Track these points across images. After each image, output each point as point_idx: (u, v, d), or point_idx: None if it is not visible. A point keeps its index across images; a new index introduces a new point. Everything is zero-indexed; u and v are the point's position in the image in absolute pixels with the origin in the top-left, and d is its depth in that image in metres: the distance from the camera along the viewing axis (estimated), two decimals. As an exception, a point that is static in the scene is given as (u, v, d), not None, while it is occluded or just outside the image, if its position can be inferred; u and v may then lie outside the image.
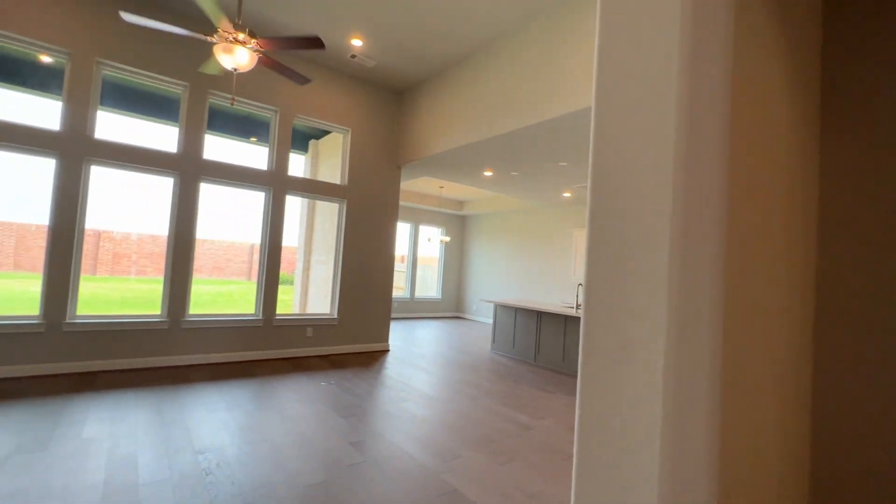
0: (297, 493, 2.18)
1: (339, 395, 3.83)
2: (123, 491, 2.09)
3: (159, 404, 3.29)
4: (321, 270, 7.74)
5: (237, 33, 2.66)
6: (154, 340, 4.28)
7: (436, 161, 5.66)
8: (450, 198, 10.05)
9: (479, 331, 8.64)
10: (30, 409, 3.03)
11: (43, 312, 3.81)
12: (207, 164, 4.57)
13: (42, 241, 12.29)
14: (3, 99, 4.60)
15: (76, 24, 3.87)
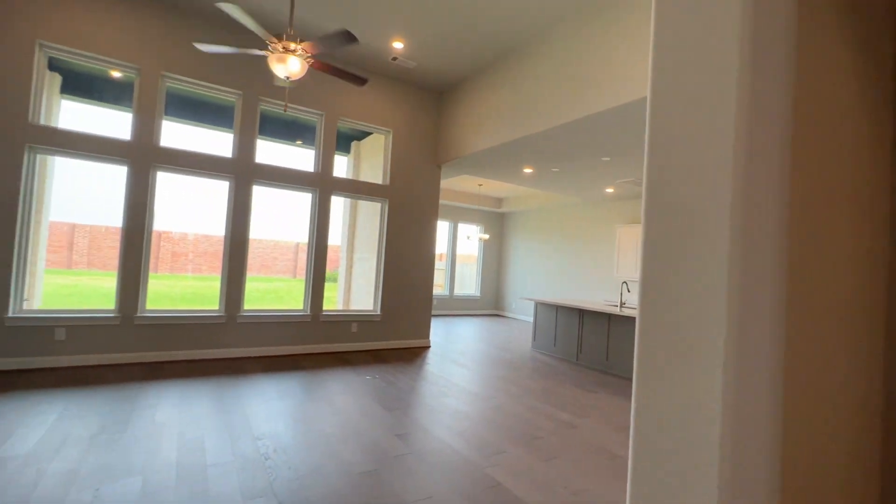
0: (349, 480, 2.29)
1: (384, 389, 3.95)
2: (194, 471, 2.27)
3: (220, 393, 3.54)
4: (363, 268, 7.96)
5: (288, 43, 2.80)
6: (212, 334, 4.59)
7: (475, 159, 5.68)
8: (488, 195, 10.04)
9: (519, 329, 8.60)
10: (109, 393, 3.34)
11: (118, 307, 4.17)
12: (259, 167, 4.82)
13: (110, 241, 13.25)
14: (81, 112, 5.06)
15: (145, 42, 4.19)
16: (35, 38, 3.77)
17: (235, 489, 2.13)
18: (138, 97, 4.21)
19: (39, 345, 3.83)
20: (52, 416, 2.84)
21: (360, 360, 4.99)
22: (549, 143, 4.66)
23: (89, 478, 2.13)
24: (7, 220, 3.71)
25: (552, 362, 5.62)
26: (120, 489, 2.05)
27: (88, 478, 2.13)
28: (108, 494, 2.00)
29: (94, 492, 2.02)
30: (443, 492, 2.23)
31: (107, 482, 2.10)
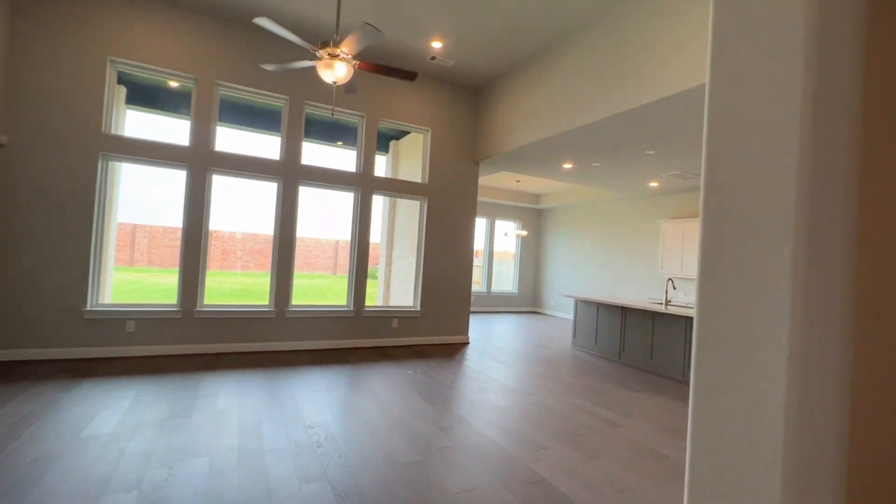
0: (396, 469, 2.38)
1: (425, 383, 4.04)
2: (254, 455, 2.44)
3: (272, 383, 3.74)
4: (402, 265, 8.12)
5: (333, 49, 2.92)
6: (263, 328, 4.84)
7: (514, 156, 5.66)
8: (526, 191, 9.95)
9: (558, 326, 8.49)
10: (175, 381, 3.61)
11: (179, 302, 4.49)
12: (305, 168, 5.03)
13: (167, 240, 14.07)
14: (144, 120, 5.46)
15: (202, 53, 4.47)
16: (107, 54, 4.11)
17: (292, 473, 2.26)
18: (196, 105, 4.50)
19: (113, 336, 4.19)
20: (128, 401, 3.11)
21: (402, 355, 5.11)
22: (591, 137, 4.58)
23: (163, 457, 2.33)
24: (85, 222, 4.08)
25: (593, 360, 5.53)
26: (189, 469, 2.24)
27: (162, 457, 2.33)
28: (179, 473, 2.19)
29: (168, 470, 2.21)
30: (486, 484, 2.28)
31: (178, 462, 2.30)
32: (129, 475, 2.13)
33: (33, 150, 3.89)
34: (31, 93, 3.87)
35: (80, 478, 2.08)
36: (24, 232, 3.88)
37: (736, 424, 0.68)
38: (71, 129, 4.01)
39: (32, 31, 3.86)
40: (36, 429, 2.58)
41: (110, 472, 2.15)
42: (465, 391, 3.90)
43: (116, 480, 2.08)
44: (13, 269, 3.85)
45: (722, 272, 0.71)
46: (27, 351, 3.90)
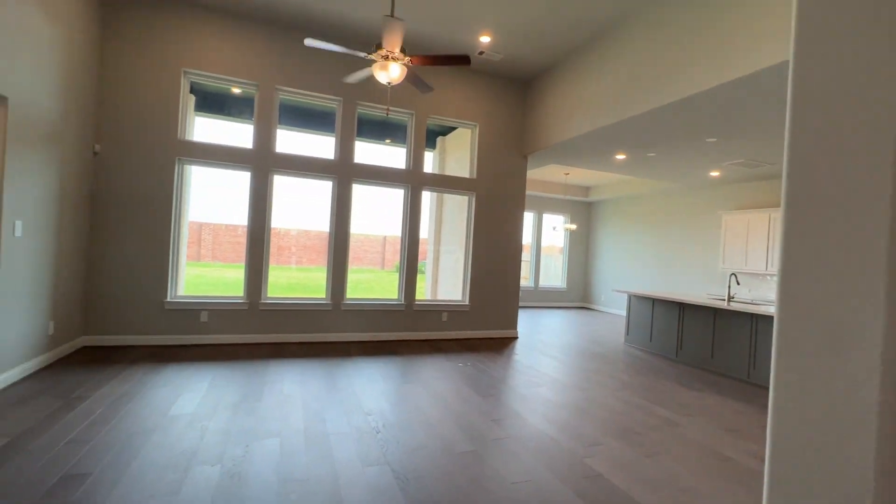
0: (452, 457, 2.46)
1: (476, 376, 4.10)
2: (319, 437, 2.60)
3: (331, 372, 3.94)
4: (449, 260, 8.21)
5: (386, 52, 3.01)
6: (321, 319, 5.09)
7: (563, 148, 5.56)
8: (575, 184, 9.72)
9: (609, 322, 8.26)
10: (244, 368, 3.90)
11: (246, 294, 4.82)
12: (358, 167, 5.21)
13: (230, 237, 15.00)
14: (210, 126, 5.87)
15: (263, 60, 4.74)
16: (181, 66, 4.46)
17: (354, 456, 2.40)
18: (258, 109, 4.78)
19: (189, 325, 4.58)
20: (205, 385, 3.40)
21: (451, 348, 5.20)
22: (648, 126, 4.41)
23: (239, 436, 2.55)
24: (164, 221, 4.47)
25: (648, 358, 5.35)
26: (263, 447, 2.43)
27: (238, 436, 2.55)
28: (255, 450, 2.38)
29: (245, 448, 2.41)
30: (542, 476, 2.29)
31: (253, 441, 2.50)
32: (212, 451, 2.35)
33: (122, 157, 4.32)
34: (118, 105, 4.29)
35: (171, 451, 2.32)
36: (116, 231, 4.32)
37: (823, 425, 0.66)
38: (152, 137, 4.40)
39: (118, 48, 4.27)
40: (131, 407, 2.89)
41: (196, 447, 2.38)
42: (516, 385, 3.92)
43: (201, 455, 2.30)
44: (108, 265, 4.30)
45: (807, 265, 0.70)
46: (120, 337, 4.35)
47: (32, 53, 3.17)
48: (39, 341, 3.50)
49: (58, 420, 2.62)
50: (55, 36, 3.44)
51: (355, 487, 2.08)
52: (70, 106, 3.73)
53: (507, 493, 2.11)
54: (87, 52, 3.96)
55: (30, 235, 3.29)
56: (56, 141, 3.55)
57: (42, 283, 3.49)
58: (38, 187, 3.35)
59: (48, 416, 2.66)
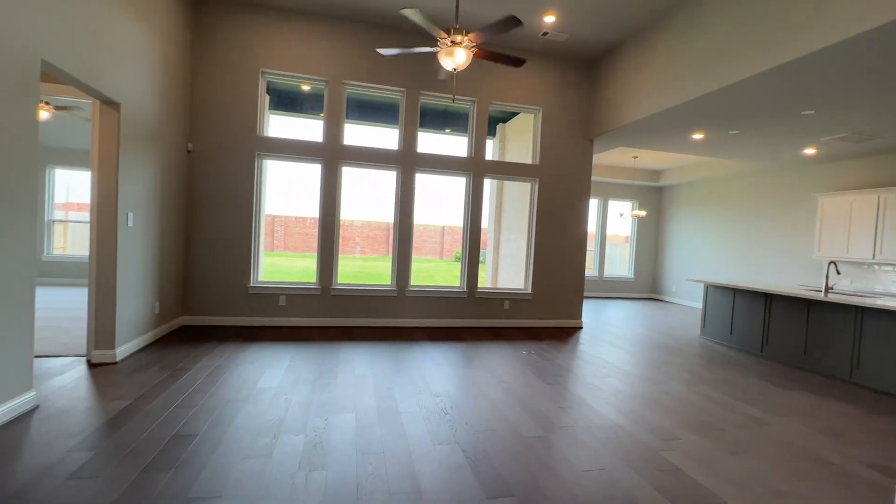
0: (520, 441, 2.46)
1: (541, 364, 4.05)
2: (391, 415, 2.72)
3: (398, 355, 4.09)
4: (510, 248, 8.13)
5: (455, 36, 3.01)
6: (387, 305, 5.28)
7: (633, 129, 5.26)
8: (644, 168, 9.18)
9: (682, 314, 7.77)
10: (319, 348, 4.15)
11: (318, 281, 5.12)
12: (421, 156, 5.30)
13: (299, 228, 16.06)
14: (284, 123, 6.24)
15: (330, 57, 4.95)
16: (258, 67, 4.78)
17: (425, 434, 2.48)
18: (327, 103, 5.01)
19: (269, 308, 4.96)
20: (286, 363, 3.67)
21: (514, 336, 5.17)
22: (732, 100, 4.04)
23: (319, 409, 2.73)
24: (247, 213, 4.85)
25: (728, 352, 4.97)
26: (341, 421, 2.58)
27: (318, 409, 2.73)
28: (333, 423, 2.54)
29: (325, 420, 2.58)
30: (615, 466, 2.23)
31: (331, 414, 2.66)
32: (296, 421, 2.54)
33: (210, 154, 4.73)
34: (206, 105, 4.69)
35: (262, 419, 2.54)
36: (207, 222, 4.76)
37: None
38: (235, 134, 4.77)
39: (205, 53, 4.66)
40: (225, 378, 3.20)
41: (282, 417, 2.59)
42: (582, 374, 3.82)
43: (287, 425, 2.50)
44: (200, 253, 4.76)
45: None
46: (212, 318, 4.81)
47: (137, 62, 3.55)
48: (148, 319, 3.97)
49: (166, 388, 2.96)
50: (154, 45, 3.82)
51: (427, 464, 2.16)
52: (168, 108, 4.13)
53: (578, 480, 2.08)
54: (180, 57, 4.36)
55: (139, 226, 3.71)
56: (157, 140, 3.96)
57: (150, 269, 3.94)
58: (144, 183, 3.76)
59: (158, 384, 3.01)
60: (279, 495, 1.81)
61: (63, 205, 8.12)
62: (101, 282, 3.35)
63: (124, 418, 2.46)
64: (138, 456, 2.07)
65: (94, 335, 3.37)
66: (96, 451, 2.09)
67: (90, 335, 3.37)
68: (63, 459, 2.00)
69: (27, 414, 2.45)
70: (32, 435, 2.23)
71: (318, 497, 1.81)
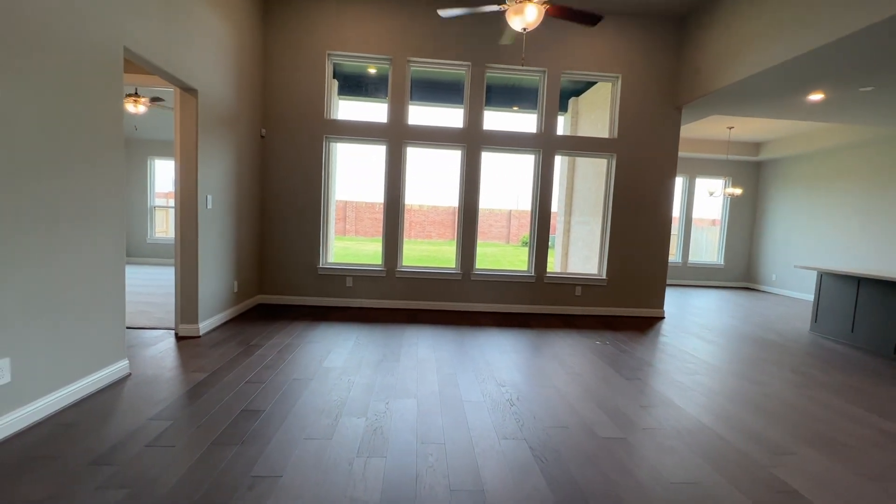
0: (596, 442, 2.21)
1: (617, 356, 3.70)
2: (454, 403, 2.59)
3: (462, 340, 3.95)
4: (582, 231, 7.62)
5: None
6: (451, 289, 5.16)
7: (731, 93, 4.56)
8: (739, 140, 8.10)
9: (785, 306, 6.81)
10: (384, 330, 4.15)
11: (384, 263, 5.12)
12: (487, 133, 5.05)
13: (368, 213, 16.66)
14: (351, 108, 6.27)
15: (394, 34, 4.83)
16: (325, 49, 4.79)
17: (489, 426, 2.31)
18: (392, 82, 4.91)
19: (337, 289, 5.06)
20: (350, 343, 3.69)
21: (586, 325, 4.82)
22: (878, 43, 3.30)
23: (381, 393, 2.67)
24: (316, 195, 4.95)
25: (848, 352, 4.22)
26: (402, 406, 2.50)
27: (380, 393, 2.67)
28: (394, 408, 2.46)
29: (386, 404, 2.51)
30: (712, 481, 1.90)
31: (393, 399, 2.59)
32: (358, 403, 2.50)
33: (282, 138, 4.86)
34: (277, 90, 4.81)
35: (325, 399, 2.53)
36: (280, 204, 4.93)
37: None
38: (305, 118, 4.86)
39: (275, 38, 4.76)
40: (294, 356, 3.27)
41: (344, 398, 2.57)
42: (666, 369, 3.42)
43: (349, 406, 2.46)
44: (274, 234, 4.95)
45: None
46: (285, 297, 5.03)
47: (211, 49, 3.67)
48: (227, 298, 4.20)
49: (240, 363, 3.08)
50: (229, 33, 3.94)
51: (491, 459, 1.99)
52: (241, 93, 4.28)
53: (667, 494, 1.79)
54: (252, 45, 4.48)
55: (218, 208, 3.90)
56: (232, 126, 4.12)
57: (228, 249, 4.15)
58: (221, 167, 3.94)
59: (233, 359, 3.15)
60: (337, 481, 1.75)
61: (165, 194, 9.00)
62: (185, 262, 3.56)
63: (202, 390, 2.58)
64: (210, 428, 2.13)
65: (181, 311, 3.61)
66: (173, 420, 2.19)
67: (177, 311, 3.62)
68: (144, 427, 2.11)
69: (121, 380, 2.66)
70: (122, 401, 2.39)
71: (377, 487, 1.73)
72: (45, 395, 2.16)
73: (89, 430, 2.06)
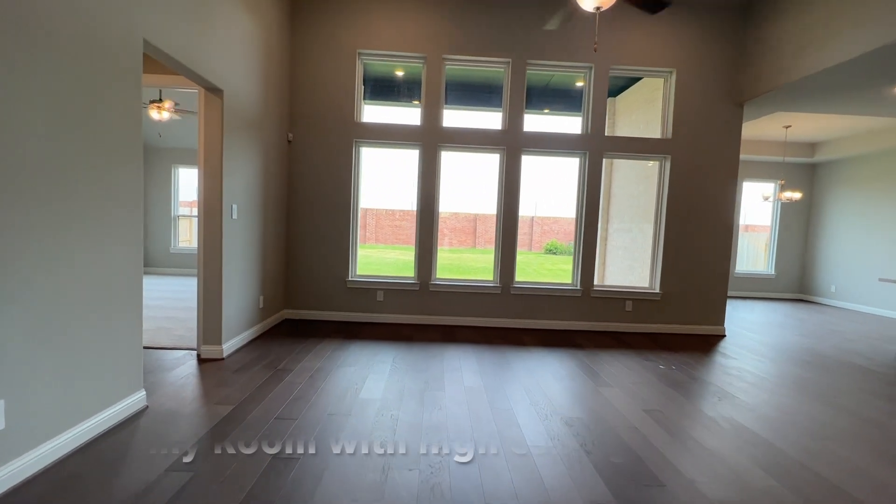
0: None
1: (689, 384, 3.23)
2: (517, 449, 2.17)
3: (509, 363, 3.54)
4: (622, 239, 7.13)
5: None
6: (490, 303, 4.76)
7: (803, 87, 4.08)
8: (793, 140, 7.51)
9: (856, 321, 6.17)
10: (421, 351, 3.76)
11: (416, 275, 4.76)
12: (528, 135, 4.66)
13: (389, 220, 16.34)
14: (378, 113, 5.95)
15: (428, 31, 4.50)
16: (356, 48, 4.49)
17: (568, 483, 1.90)
18: (426, 82, 4.58)
19: (367, 303, 4.71)
20: (387, 367, 3.32)
21: (640, 344, 4.34)
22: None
23: (431, 434, 2.28)
24: (346, 203, 4.64)
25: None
26: (459, 452, 2.10)
27: (431, 434, 2.28)
28: (451, 459, 2.07)
29: (439, 451, 2.11)
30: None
31: (446, 442, 2.20)
32: (407, 449, 2.11)
33: (310, 143, 4.57)
34: (305, 92, 4.53)
35: (368, 442, 2.16)
36: (308, 213, 4.63)
37: None
38: (333, 121, 4.56)
39: (303, 37, 4.48)
40: (326, 384, 2.92)
41: (388, 440, 2.19)
42: (753, 403, 2.94)
43: (398, 455, 2.07)
44: (302, 245, 4.65)
45: None
46: (313, 312, 4.70)
47: (238, 47, 3.40)
48: (253, 314, 3.89)
49: (268, 392, 2.73)
50: (255, 30, 3.66)
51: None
52: (269, 96, 4.00)
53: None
54: (279, 43, 4.21)
55: (243, 217, 3.61)
56: (259, 130, 3.84)
57: (254, 261, 3.85)
58: (247, 173, 3.65)
59: (260, 387, 2.81)
60: (398, 572, 1.36)
61: (189, 203, 8.86)
62: (208, 276, 3.26)
63: (226, 429, 2.23)
64: (236, 483, 1.77)
65: (203, 331, 3.31)
66: (194, 473, 1.84)
67: (199, 330, 3.32)
68: (160, 481, 1.77)
69: (137, 415, 2.34)
70: (136, 443, 2.06)
71: (449, 581, 1.33)
72: (46, 441, 1.84)
73: (95, 484, 1.73)
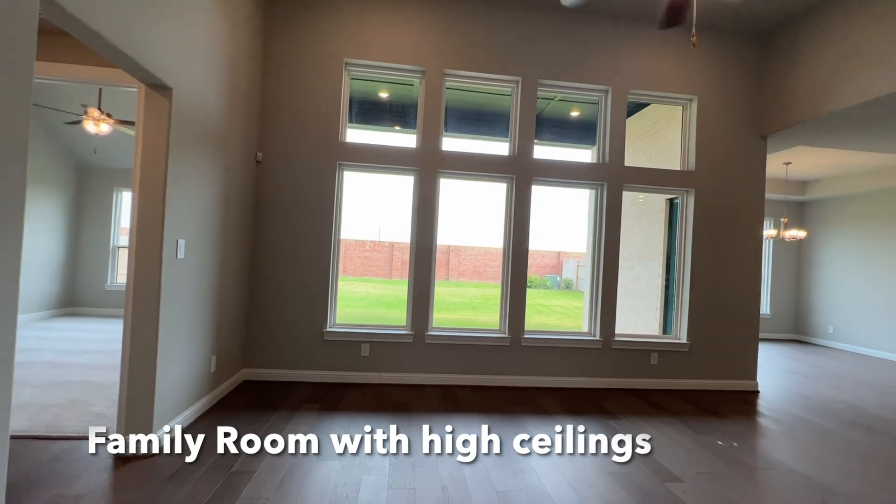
0: None
1: (765, 472, 2.57)
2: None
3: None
4: (626, 278, 6.62)
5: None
6: (497, 357, 4.02)
7: (832, 121, 3.77)
8: (789, 178, 7.40)
9: (875, 367, 5.83)
10: (423, 425, 2.93)
11: (410, 324, 3.97)
12: (538, 163, 4.09)
13: (358, 251, 15.37)
14: (363, 136, 5.21)
15: (427, 41, 3.93)
16: (343, 57, 3.84)
17: None
18: (424, 99, 3.95)
19: (350, 359, 3.86)
20: (386, 463, 2.48)
21: (676, 407, 3.70)
22: None
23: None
24: (326, 235, 3.85)
25: None
26: None
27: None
28: None
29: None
30: None
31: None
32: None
33: (283, 164, 3.80)
34: (281, 104, 3.79)
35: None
36: (277, 247, 3.79)
37: None
38: (314, 140, 3.82)
39: (281, 41, 3.79)
40: (303, 496, 2.05)
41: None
42: (833, 483, 2.30)
43: None
44: (269, 287, 3.78)
45: None
46: (279, 371, 3.77)
47: (199, 41, 2.65)
48: (201, 381, 2.97)
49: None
50: (221, 23, 2.94)
51: None
52: (236, 106, 3.24)
53: None
54: (251, 44, 3.50)
55: (194, 255, 2.75)
56: (221, 145, 3.04)
57: (205, 311, 2.96)
58: (202, 199, 2.82)
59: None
60: None
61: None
62: (137, 336, 2.36)
63: None
64: None
65: (126, 413, 2.37)
66: None
67: (121, 412, 2.38)
68: None
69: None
70: None
71: None
72: None
73: None
